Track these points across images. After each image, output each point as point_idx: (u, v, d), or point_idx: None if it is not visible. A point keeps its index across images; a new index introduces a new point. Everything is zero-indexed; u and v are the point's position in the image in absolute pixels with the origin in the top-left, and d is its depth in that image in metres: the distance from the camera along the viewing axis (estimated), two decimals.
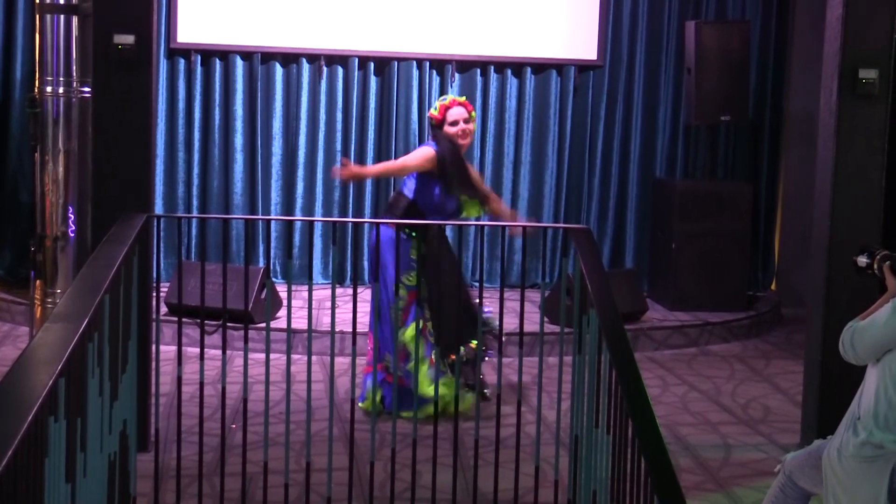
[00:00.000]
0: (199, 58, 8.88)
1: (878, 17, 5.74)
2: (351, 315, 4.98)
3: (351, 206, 9.10)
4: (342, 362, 6.90)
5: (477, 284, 5.97)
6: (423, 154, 6.24)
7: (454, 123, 6.23)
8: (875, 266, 3.98)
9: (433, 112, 6.34)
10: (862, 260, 4.06)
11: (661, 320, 8.30)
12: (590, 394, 4.31)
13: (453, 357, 5.97)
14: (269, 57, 8.93)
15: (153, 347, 5.05)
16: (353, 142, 9.06)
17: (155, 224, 5.10)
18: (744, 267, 8.80)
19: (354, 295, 4.99)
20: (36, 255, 6.74)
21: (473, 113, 6.38)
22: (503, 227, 5.41)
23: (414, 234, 6.02)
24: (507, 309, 6.20)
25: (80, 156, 6.59)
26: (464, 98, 6.45)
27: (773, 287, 9.61)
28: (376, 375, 5.91)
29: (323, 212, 9.05)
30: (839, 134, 5.76)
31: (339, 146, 9.05)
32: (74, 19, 6.54)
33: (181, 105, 8.93)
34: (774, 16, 9.40)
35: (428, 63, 9.02)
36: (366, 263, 8.73)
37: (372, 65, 9.02)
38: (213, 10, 8.82)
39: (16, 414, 2.49)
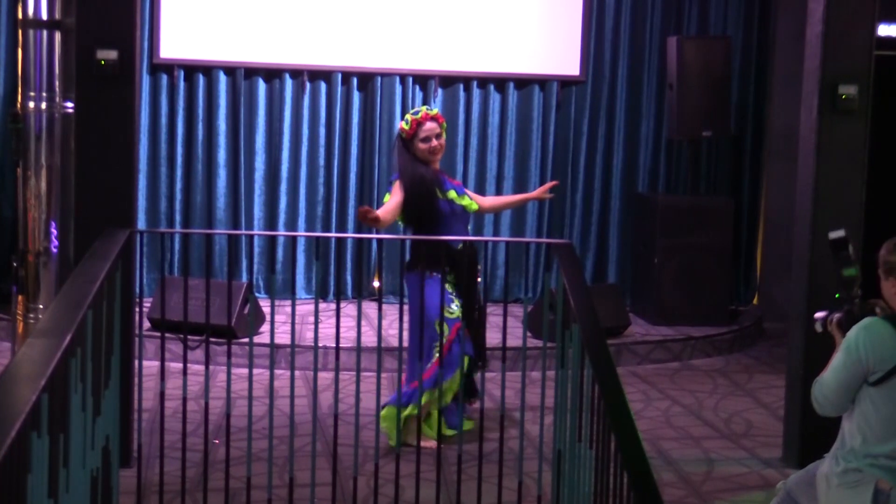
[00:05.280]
0: (182, 73, 8.88)
1: (857, 34, 5.78)
2: (334, 330, 4.98)
3: (334, 220, 9.10)
4: (325, 377, 6.90)
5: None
6: (397, 193, 5.98)
7: (426, 140, 6.03)
8: (828, 328, 4.04)
9: (404, 126, 6.09)
10: (818, 325, 4.11)
11: (643, 335, 8.32)
12: (573, 408, 4.32)
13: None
14: (252, 72, 8.94)
15: (136, 363, 5.04)
16: (336, 157, 9.06)
17: (138, 239, 5.11)
18: (726, 281, 8.83)
19: (338, 310, 4.99)
20: (18, 270, 6.73)
21: (444, 124, 6.18)
22: (486, 241, 5.42)
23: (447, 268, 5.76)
24: (489, 324, 6.21)
25: (63, 171, 6.57)
26: (436, 111, 6.19)
27: (755, 301, 9.65)
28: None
29: (306, 227, 9.05)
30: (819, 149, 5.79)
31: (322, 161, 9.06)
32: (57, 35, 6.54)
33: (164, 120, 8.93)
34: (755, 31, 9.46)
35: (411, 78, 9.04)
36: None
37: (355, 80, 9.04)
38: (197, 25, 8.82)
39: None
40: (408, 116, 6.13)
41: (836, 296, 4.05)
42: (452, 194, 6.04)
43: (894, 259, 3.85)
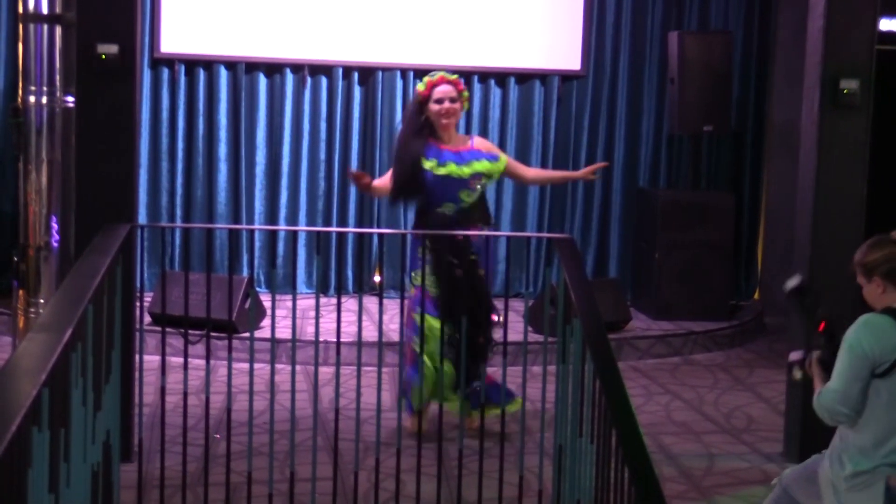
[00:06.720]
0: (182, 67, 8.88)
1: (858, 28, 5.77)
2: (335, 325, 4.98)
3: (335, 215, 9.10)
4: (326, 372, 6.90)
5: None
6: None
7: (439, 101, 5.96)
8: (808, 370, 4.02)
9: (420, 87, 6.05)
10: (796, 371, 4.09)
11: (644, 329, 8.32)
12: (574, 403, 4.32)
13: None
14: (252, 67, 8.93)
15: (136, 357, 5.04)
16: (337, 151, 9.06)
17: (138, 234, 5.11)
18: (727, 276, 8.83)
19: (339, 304, 4.99)
20: (19, 264, 6.73)
21: (465, 93, 6.11)
22: (487, 236, 5.40)
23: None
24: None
25: (64, 166, 6.57)
26: (455, 76, 6.10)
27: (756, 296, 9.64)
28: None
29: (307, 221, 9.05)
30: (821, 144, 5.79)
31: (323, 156, 9.06)
32: (58, 29, 6.53)
33: (165, 115, 8.92)
34: (756, 26, 9.45)
35: (412, 73, 9.03)
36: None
37: (356, 74, 9.03)
38: (197, 20, 8.81)
39: None
40: (425, 78, 6.06)
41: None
42: (430, 164, 5.95)
43: (871, 258, 3.84)
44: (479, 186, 6.06)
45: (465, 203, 6.01)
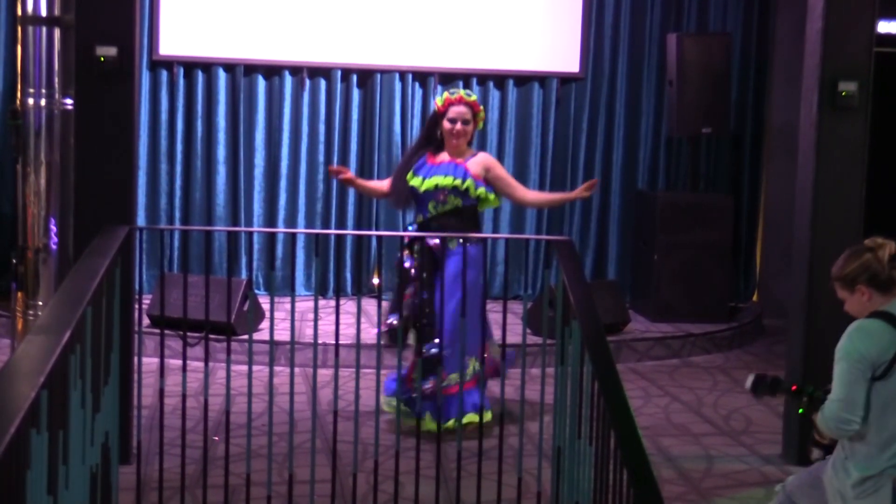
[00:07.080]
0: (181, 70, 8.88)
1: (857, 30, 5.78)
2: (334, 327, 4.98)
3: (333, 217, 9.10)
4: (325, 374, 6.90)
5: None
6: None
7: (452, 120, 6.11)
8: (818, 438, 4.01)
9: (438, 101, 6.22)
10: (816, 452, 4.09)
11: (643, 331, 8.32)
12: (572, 405, 4.32)
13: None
14: (251, 69, 8.93)
15: (135, 359, 5.04)
16: (336, 154, 9.06)
17: (137, 236, 5.11)
18: (726, 278, 8.83)
19: (337, 306, 4.99)
20: (17, 266, 6.73)
21: (481, 114, 6.22)
22: (485, 238, 5.40)
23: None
24: (489, 321, 6.21)
25: (63, 168, 6.57)
26: (474, 97, 6.22)
27: (755, 298, 9.64)
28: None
29: (305, 223, 9.05)
30: (819, 146, 5.79)
31: (321, 158, 9.06)
32: (57, 31, 6.54)
33: (164, 117, 8.92)
34: (755, 28, 9.46)
35: (411, 75, 9.03)
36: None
37: (355, 77, 9.03)
38: (196, 22, 8.81)
39: None
40: (445, 93, 6.22)
41: (801, 411, 4.03)
42: (416, 181, 6.15)
43: (851, 268, 3.86)
44: (448, 200, 6.14)
45: (430, 214, 6.15)
